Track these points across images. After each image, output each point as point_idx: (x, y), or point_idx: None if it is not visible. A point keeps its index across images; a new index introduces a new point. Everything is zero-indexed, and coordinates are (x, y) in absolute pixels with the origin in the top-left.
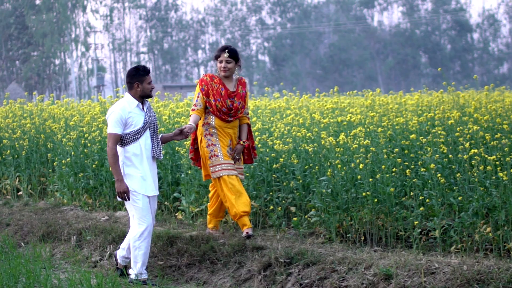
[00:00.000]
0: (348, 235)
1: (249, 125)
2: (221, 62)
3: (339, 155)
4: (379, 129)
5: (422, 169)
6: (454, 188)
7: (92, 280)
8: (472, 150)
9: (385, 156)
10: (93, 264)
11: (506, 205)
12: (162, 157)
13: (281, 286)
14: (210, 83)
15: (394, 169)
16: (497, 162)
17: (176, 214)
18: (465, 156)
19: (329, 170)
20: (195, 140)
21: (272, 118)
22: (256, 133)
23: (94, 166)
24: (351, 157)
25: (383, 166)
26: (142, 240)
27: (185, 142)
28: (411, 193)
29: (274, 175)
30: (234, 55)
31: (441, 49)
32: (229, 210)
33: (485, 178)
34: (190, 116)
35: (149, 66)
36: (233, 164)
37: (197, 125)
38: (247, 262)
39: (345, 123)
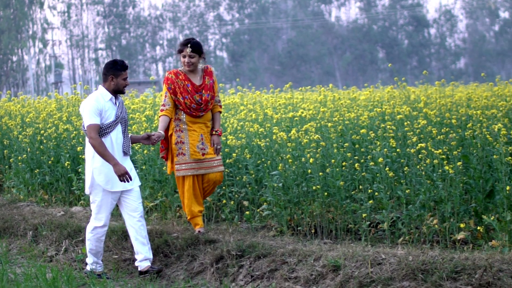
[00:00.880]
0: (299, 228)
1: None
2: (184, 57)
3: (291, 150)
4: (329, 124)
5: (371, 163)
6: (402, 181)
7: (48, 274)
8: (420, 144)
9: (335, 150)
10: (49, 259)
11: (452, 198)
12: (131, 153)
13: (233, 278)
14: (175, 81)
15: (344, 163)
16: (443, 156)
17: None
18: (412, 150)
19: (280, 164)
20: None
21: (226, 114)
22: None
23: (50, 162)
24: (302, 151)
25: (333, 161)
26: (94, 235)
27: None
28: (361, 187)
29: (227, 170)
30: (197, 48)
31: (398, 45)
32: (184, 207)
33: (432, 171)
34: (159, 117)
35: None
36: (201, 161)
37: (166, 132)
38: (200, 255)
39: (297, 118)
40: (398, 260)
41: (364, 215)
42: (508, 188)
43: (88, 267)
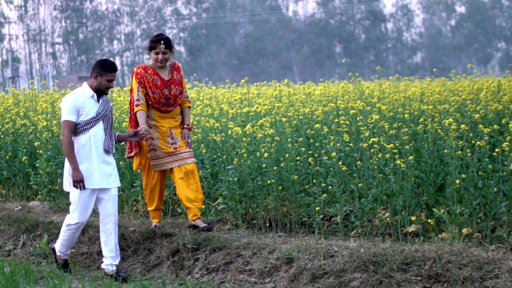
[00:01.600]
0: (254, 222)
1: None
2: (157, 53)
3: (246, 145)
4: (284, 119)
5: (325, 158)
6: (355, 175)
7: (6, 268)
8: (372, 139)
9: (290, 145)
10: (6, 253)
11: (404, 191)
12: (114, 151)
13: (188, 271)
14: (144, 75)
15: (298, 158)
16: (395, 150)
17: None
18: (365, 145)
19: (235, 159)
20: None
21: None
22: None
23: (7, 157)
24: (257, 146)
25: (287, 155)
26: (69, 229)
27: None
28: (314, 181)
29: None
30: (169, 44)
31: (355, 39)
32: (146, 198)
33: (385, 165)
34: (136, 113)
35: (64, 56)
36: (175, 154)
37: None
38: (156, 248)
39: (252, 113)
40: (350, 252)
41: (317, 208)
42: (458, 181)
43: (57, 252)
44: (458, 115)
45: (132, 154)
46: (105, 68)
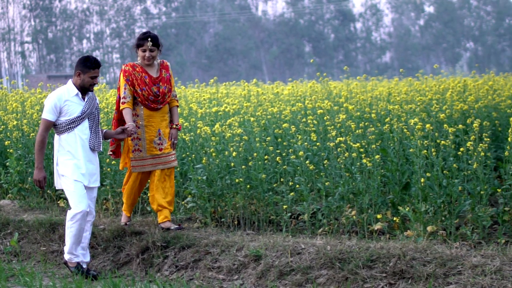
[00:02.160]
0: (222, 220)
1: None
2: (144, 51)
3: (214, 144)
4: (252, 119)
5: (293, 157)
6: (322, 174)
7: None
8: (339, 138)
9: (258, 144)
10: None
11: (370, 190)
12: (101, 149)
13: (158, 268)
14: (133, 73)
15: (266, 157)
16: (362, 150)
17: (58, 202)
18: (332, 144)
19: (204, 158)
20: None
21: None
22: None
23: None
24: (226, 145)
25: (255, 154)
26: (75, 221)
27: None
28: (282, 180)
29: None
30: (156, 42)
31: (324, 39)
32: (124, 197)
33: (351, 164)
34: (122, 110)
35: (34, 55)
36: (159, 157)
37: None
38: (126, 246)
39: (221, 113)
40: (317, 249)
41: (285, 206)
42: (422, 180)
43: (66, 256)
44: (424, 115)
45: (112, 148)
46: (87, 65)
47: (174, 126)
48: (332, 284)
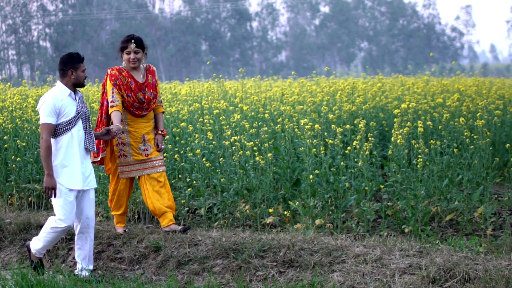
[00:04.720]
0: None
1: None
2: (128, 53)
3: None
4: None
5: (190, 154)
6: (218, 171)
7: None
8: (234, 137)
9: None
10: None
11: (263, 186)
12: (95, 149)
13: (63, 259)
14: (119, 77)
15: (165, 154)
16: (255, 148)
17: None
18: (227, 143)
19: None
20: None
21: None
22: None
23: None
24: None
25: None
26: (54, 232)
27: None
28: (180, 176)
29: None
30: (140, 43)
31: (221, 37)
32: (111, 203)
33: (245, 162)
34: (110, 114)
35: None
36: (145, 162)
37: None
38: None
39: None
40: (213, 241)
41: (183, 201)
42: (311, 177)
43: (32, 251)
44: (315, 115)
45: (98, 159)
46: (76, 60)
47: (160, 132)
48: (227, 272)
